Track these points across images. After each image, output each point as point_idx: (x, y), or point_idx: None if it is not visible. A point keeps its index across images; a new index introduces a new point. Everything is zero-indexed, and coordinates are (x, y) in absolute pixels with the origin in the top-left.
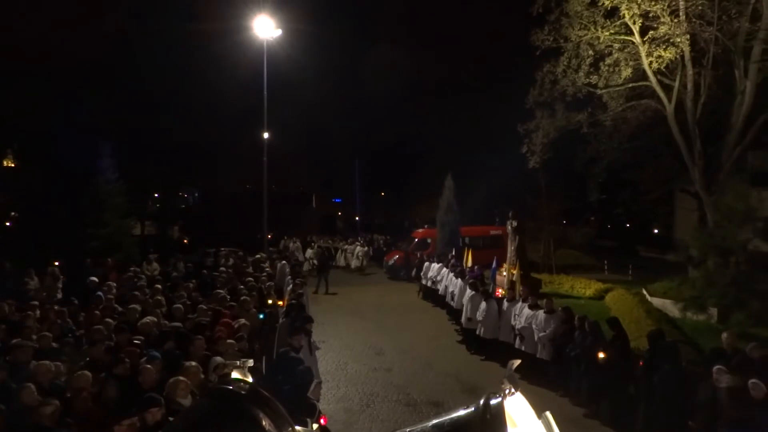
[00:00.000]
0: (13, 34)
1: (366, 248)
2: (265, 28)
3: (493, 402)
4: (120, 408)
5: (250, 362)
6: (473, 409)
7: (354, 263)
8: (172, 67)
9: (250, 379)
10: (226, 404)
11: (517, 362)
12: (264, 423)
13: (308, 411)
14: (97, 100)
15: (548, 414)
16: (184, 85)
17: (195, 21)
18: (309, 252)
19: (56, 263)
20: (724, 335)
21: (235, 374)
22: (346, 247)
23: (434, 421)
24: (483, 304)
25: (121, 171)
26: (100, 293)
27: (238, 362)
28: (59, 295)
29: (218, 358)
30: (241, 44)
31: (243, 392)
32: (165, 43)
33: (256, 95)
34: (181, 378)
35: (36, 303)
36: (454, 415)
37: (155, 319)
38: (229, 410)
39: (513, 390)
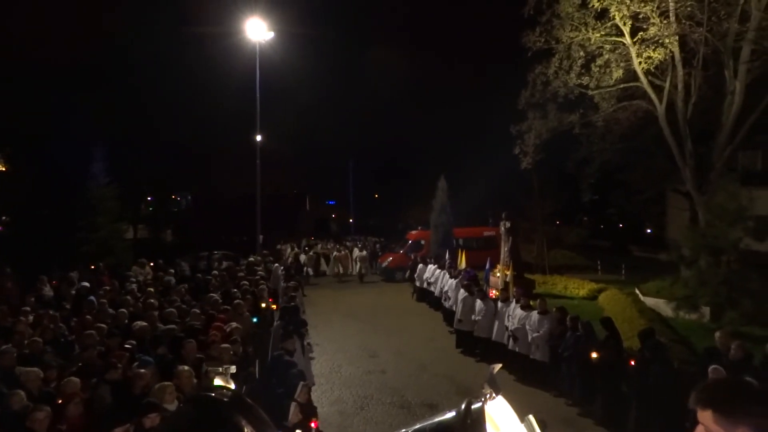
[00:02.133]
0: (5, 38)
1: (365, 253)
2: (258, 30)
3: (474, 406)
4: (112, 413)
5: (233, 369)
6: (454, 413)
7: (351, 269)
8: (164, 71)
9: (232, 386)
10: (208, 412)
11: (498, 366)
12: (246, 430)
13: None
14: (90, 104)
15: (531, 417)
16: (177, 88)
17: (187, 25)
18: (303, 258)
19: (74, 271)
20: (718, 334)
21: (217, 381)
22: (335, 254)
23: (417, 426)
24: (480, 304)
25: (114, 174)
26: (92, 298)
27: (220, 369)
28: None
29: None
30: (233, 47)
31: (225, 399)
32: (158, 47)
33: (249, 98)
34: (167, 383)
35: (28, 309)
36: (436, 419)
37: (148, 324)
38: (210, 418)
39: (494, 394)
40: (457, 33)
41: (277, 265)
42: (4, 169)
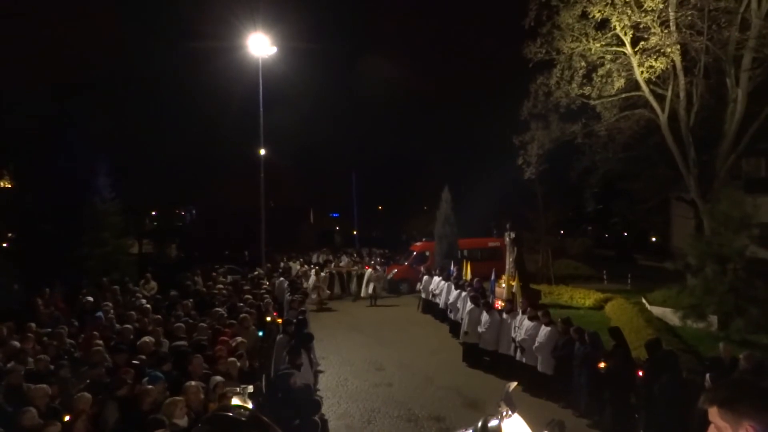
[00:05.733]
0: (8, 53)
1: (380, 271)
2: (261, 46)
3: (490, 424)
4: (119, 430)
5: (251, 388)
6: (471, 431)
7: (364, 291)
8: (168, 86)
9: (250, 405)
10: (226, 431)
11: (514, 384)
12: None
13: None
14: (94, 119)
15: None
16: (181, 102)
17: (191, 40)
18: (312, 278)
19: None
20: (722, 345)
21: (235, 400)
22: (316, 280)
23: None
24: (486, 316)
25: (118, 190)
26: (100, 314)
27: (238, 388)
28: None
29: (218, 377)
30: (237, 62)
31: (243, 419)
32: (161, 62)
33: (252, 112)
34: (178, 398)
35: (33, 324)
36: None
37: (153, 339)
38: None
39: (510, 412)
40: (459, 45)
41: (282, 279)
42: (9, 185)
